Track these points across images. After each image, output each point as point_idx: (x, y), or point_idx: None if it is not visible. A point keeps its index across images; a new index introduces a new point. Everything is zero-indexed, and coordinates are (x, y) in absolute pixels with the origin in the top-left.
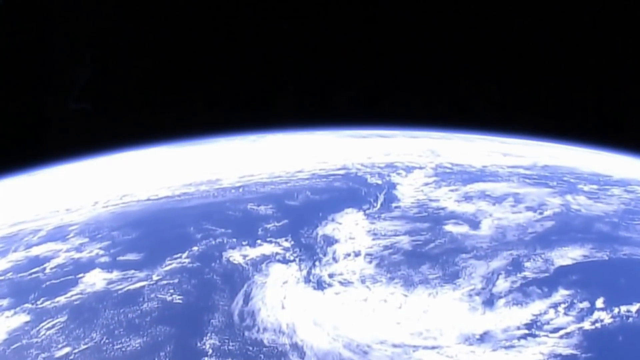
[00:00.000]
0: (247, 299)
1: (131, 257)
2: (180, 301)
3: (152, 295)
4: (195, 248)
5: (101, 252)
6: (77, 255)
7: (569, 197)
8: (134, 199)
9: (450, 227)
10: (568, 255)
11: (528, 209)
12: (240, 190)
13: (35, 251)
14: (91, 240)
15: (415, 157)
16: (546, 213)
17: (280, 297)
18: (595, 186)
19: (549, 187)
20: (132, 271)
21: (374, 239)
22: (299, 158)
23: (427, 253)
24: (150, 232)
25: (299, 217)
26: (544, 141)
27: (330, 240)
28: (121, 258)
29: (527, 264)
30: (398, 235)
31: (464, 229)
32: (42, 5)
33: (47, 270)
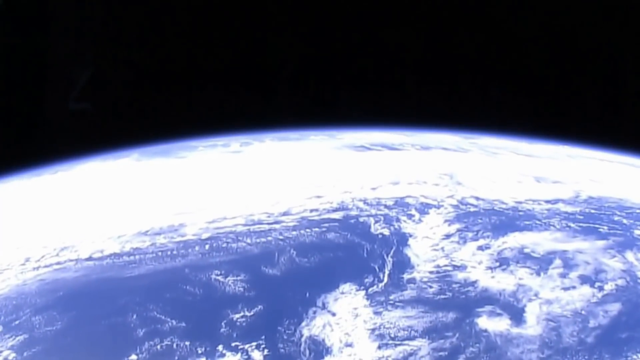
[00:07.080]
0: None
1: None
2: None
3: None
4: (133, 358)
5: (12, 355)
6: None
7: (629, 256)
8: (73, 255)
9: (484, 322)
10: None
11: (583, 280)
12: (206, 246)
13: None
14: (5, 329)
15: (430, 187)
16: (607, 288)
17: None
18: None
19: (600, 236)
20: None
21: (380, 347)
22: (286, 188)
23: None
24: (81, 321)
25: (278, 301)
26: (564, 143)
27: (318, 349)
28: None
29: None
30: (413, 339)
31: (503, 324)
32: (42, 4)
33: None
